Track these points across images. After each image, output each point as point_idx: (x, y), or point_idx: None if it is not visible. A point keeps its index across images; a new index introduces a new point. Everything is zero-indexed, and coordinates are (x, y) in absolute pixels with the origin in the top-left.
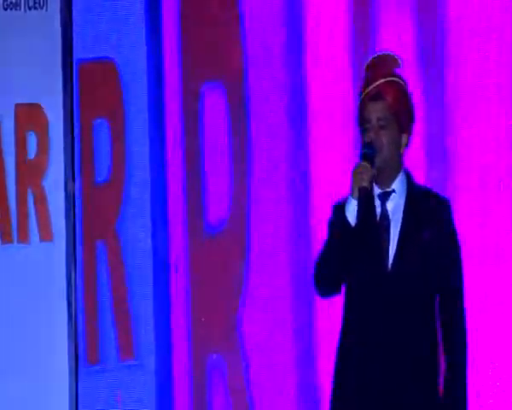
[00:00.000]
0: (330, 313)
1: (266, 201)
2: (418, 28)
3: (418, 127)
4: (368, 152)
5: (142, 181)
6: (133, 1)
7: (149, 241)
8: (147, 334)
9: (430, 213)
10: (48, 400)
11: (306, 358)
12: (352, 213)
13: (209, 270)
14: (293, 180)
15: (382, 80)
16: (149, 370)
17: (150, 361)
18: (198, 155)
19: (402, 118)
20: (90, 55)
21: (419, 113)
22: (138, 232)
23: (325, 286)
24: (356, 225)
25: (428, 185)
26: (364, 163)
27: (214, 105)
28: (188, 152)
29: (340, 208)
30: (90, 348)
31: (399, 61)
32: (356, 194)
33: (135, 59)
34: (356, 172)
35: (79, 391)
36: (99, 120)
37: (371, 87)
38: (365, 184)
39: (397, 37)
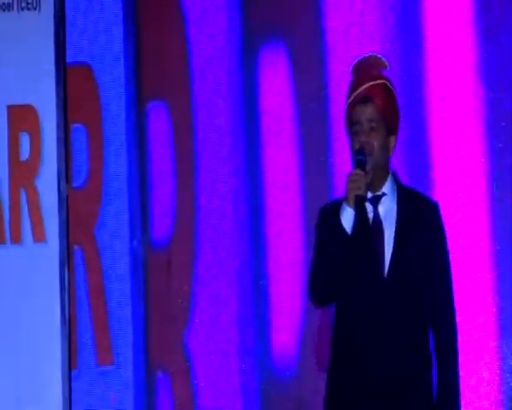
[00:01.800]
0: (278, 330)
1: (212, 215)
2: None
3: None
4: (360, 159)
5: (119, 187)
6: (110, 6)
7: (127, 246)
8: (125, 339)
9: (422, 216)
10: (40, 402)
11: (252, 378)
12: (348, 220)
13: (163, 283)
14: (240, 193)
15: (371, 83)
16: (127, 375)
17: (128, 367)
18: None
19: (390, 120)
20: (69, 61)
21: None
22: (116, 238)
23: (322, 295)
24: (352, 232)
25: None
26: (358, 170)
27: (159, 122)
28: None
29: (329, 214)
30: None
31: (386, 63)
32: (352, 202)
33: (112, 66)
34: (351, 180)
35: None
36: (77, 126)
37: (360, 90)
38: (361, 192)
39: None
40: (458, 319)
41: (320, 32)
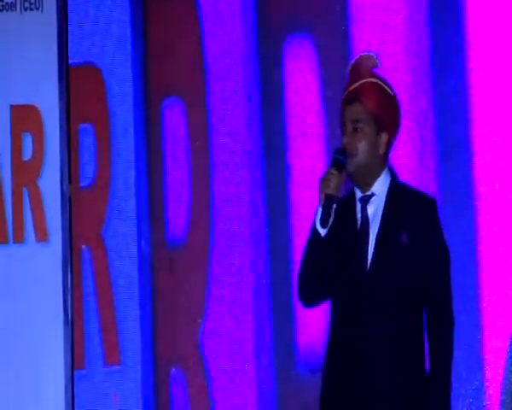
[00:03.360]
0: (291, 329)
1: (228, 212)
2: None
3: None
4: (337, 158)
5: (127, 187)
6: (118, 7)
7: (135, 246)
8: (133, 339)
9: (412, 213)
10: (43, 403)
11: (267, 374)
12: (319, 220)
13: (171, 283)
14: (255, 192)
15: (358, 83)
16: (135, 375)
17: (136, 366)
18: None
19: (379, 117)
20: (75, 60)
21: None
22: (124, 238)
23: (306, 296)
24: (325, 233)
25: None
26: (332, 170)
27: (175, 118)
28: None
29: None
30: (76, 352)
31: (377, 61)
32: (322, 201)
33: (120, 65)
34: (322, 179)
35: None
36: (84, 126)
37: (346, 92)
38: (330, 191)
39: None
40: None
41: (346, 24)
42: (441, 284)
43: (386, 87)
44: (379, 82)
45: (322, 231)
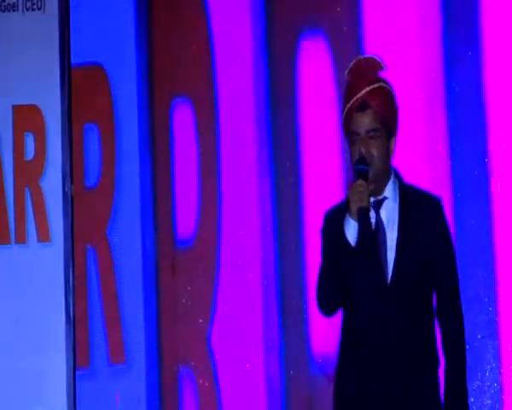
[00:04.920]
0: (300, 327)
1: (236, 214)
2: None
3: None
4: (362, 168)
5: (132, 186)
6: (123, 7)
7: (139, 246)
8: (137, 338)
9: (425, 215)
10: (45, 402)
11: (276, 372)
12: (351, 233)
13: (176, 282)
14: (263, 193)
15: (368, 88)
16: (139, 374)
17: (140, 365)
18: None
19: (390, 123)
20: (80, 61)
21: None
22: (128, 237)
23: (329, 306)
24: (356, 244)
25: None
26: (360, 181)
27: (184, 119)
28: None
29: (332, 221)
30: (80, 351)
31: (383, 64)
32: (355, 215)
33: (124, 65)
34: (353, 192)
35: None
36: (89, 125)
37: (357, 97)
38: (364, 203)
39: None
40: None
41: (358, 19)
42: (454, 284)
43: (391, 90)
44: (387, 86)
45: (353, 242)
